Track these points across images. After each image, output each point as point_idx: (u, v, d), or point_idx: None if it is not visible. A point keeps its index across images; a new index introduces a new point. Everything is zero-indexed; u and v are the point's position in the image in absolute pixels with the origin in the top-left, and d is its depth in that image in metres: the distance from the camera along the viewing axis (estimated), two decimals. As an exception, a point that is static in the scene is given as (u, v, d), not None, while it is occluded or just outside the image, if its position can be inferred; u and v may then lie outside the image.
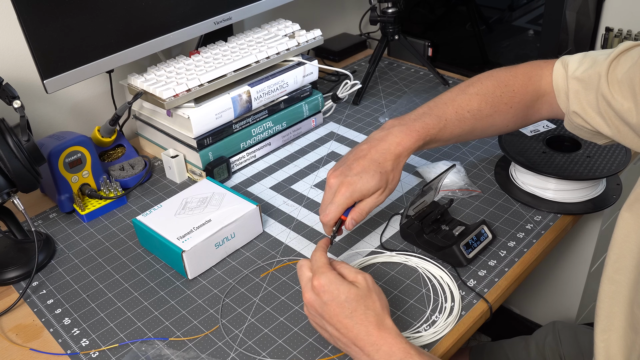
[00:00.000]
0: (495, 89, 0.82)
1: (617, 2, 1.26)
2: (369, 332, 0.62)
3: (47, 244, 0.91)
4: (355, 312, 0.63)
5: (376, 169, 0.74)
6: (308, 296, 0.66)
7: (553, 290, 1.31)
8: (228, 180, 1.06)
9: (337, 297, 0.64)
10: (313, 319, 0.68)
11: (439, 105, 0.81)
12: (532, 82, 0.82)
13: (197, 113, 0.99)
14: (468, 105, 0.81)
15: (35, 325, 0.79)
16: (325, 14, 1.58)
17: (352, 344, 0.63)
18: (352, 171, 0.74)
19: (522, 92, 0.82)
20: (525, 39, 1.31)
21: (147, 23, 1.00)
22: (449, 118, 0.79)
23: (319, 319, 0.66)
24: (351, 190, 0.73)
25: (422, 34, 1.45)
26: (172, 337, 0.75)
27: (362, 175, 0.74)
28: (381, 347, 0.61)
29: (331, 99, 1.24)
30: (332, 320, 0.64)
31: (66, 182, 0.96)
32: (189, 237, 0.83)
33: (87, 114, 1.19)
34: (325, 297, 0.64)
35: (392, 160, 0.76)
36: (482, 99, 0.81)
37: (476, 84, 0.83)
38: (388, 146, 0.76)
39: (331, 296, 0.64)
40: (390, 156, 0.76)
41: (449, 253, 0.82)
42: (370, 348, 0.62)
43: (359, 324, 0.63)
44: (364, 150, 0.76)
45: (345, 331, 0.63)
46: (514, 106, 0.82)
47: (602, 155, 0.93)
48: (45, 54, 0.89)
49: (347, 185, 0.73)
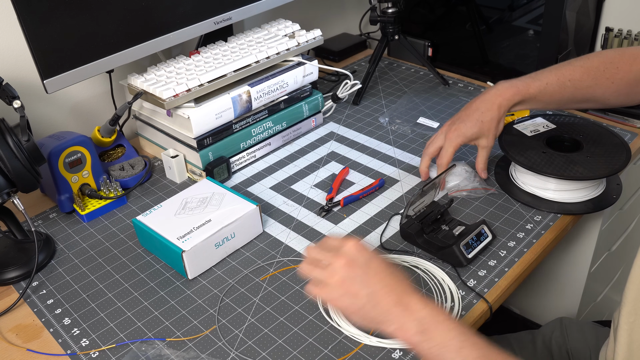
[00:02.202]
0: (599, 64, 0.89)
1: (617, 2, 1.26)
2: (411, 291, 0.62)
3: (47, 244, 0.91)
4: (395, 274, 0.64)
5: (478, 118, 0.90)
6: (348, 255, 0.63)
7: (553, 290, 1.31)
8: (228, 180, 1.06)
9: (376, 256, 0.65)
10: (349, 285, 0.63)
11: (544, 72, 0.92)
12: (637, 62, 0.88)
13: (197, 113, 0.99)
14: (570, 74, 0.89)
15: (35, 325, 0.79)
16: (325, 14, 1.58)
17: (396, 302, 0.61)
18: (459, 119, 0.92)
19: (626, 69, 0.88)
20: (525, 39, 1.31)
21: (147, 23, 1.00)
22: (551, 82, 0.88)
23: (360, 279, 0.63)
24: (457, 133, 0.91)
25: (422, 34, 1.45)
26: (172, 337, 0.75)
27: (466, 122, 0.91)
28: (426, 304, 0.61)
29: (331, 99, 1.24)
30: (378, 276, 0.63)
31: (66, 182, 0.96)
32: (189, 237, 0.83)
33: (87, 114, 1.19)
34: (367, 254, 0.64)
35: (493, 110, 0.89)
36: (584, 71, 0.89)
37: (583, 59, 0.91)
38: (490, 97, 0.90)
39: (371, 253, 0.65)
40: (491, 105, 0.89)
41: (449, 253, 0.82)
42: (418, 306, 0.61)
43: (402, 280, 0.63)
44: (471, 102, 0.93)
45: (389, 288, 0.62)
46: (615, 82, 0.88)
47: (602, 155, 0.93)
48: (45, 54, 0.89)
49: (454, 130, 0.92)
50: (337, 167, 1.08)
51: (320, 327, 0.75)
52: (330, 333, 0.74)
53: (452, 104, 1.26)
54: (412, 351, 0.70)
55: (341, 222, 0.94)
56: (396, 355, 0.71)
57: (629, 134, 1.10)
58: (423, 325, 0.60)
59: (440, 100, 1.28)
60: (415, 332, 0.60)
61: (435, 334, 0.60)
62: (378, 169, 1.06)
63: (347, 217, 0.94)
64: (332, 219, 0.94)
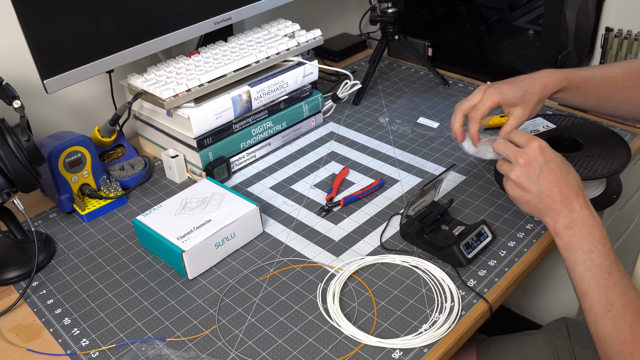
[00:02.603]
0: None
1: (617, 2, 1.26)
2: (577, 194, 0.73)
3: (47, 244, 0.91)
4: (569, 175, 0.74)
5: (523, 86, 0.88)
6: (527, 157, 0.75)
7: (553, 290, 1.31)
8: (228, 180, 1.06)
9: (556, 158, 0.75)
10: (523, 180, 0.75)
11: (588, 67, 0.95)
12: None
13: (197, 113, 0.99)
14: (613, 72, 0.90)
15: (35, 325, 0.79)
16: (325, 14, 1.58)
17: (560, 202, 0.72)
18: (502, 82, 0.89)
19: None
20: (525, 39, 1.31)
21: (147, 23, 1.00)
22: (594, 75, 0.90)
23: (533, 178, 0.74)
24: (497, 91, 0.87)
25: (422, 34, 1.45)
26: (172, 337, 0.75)
27: (510, 85, 0.88)
28: (584, 209, 0.72)
29: (331, 99, 1.24)
30: (549, 177, 0.73)
31: (66, 182, 0.96)
32: (189, 237, 0.83)
33: (87, 114, 1.19)
34: (547, 156, 0.75)
35: (539, 85, 0.87)
36: (626, 72, 0.90)
37: (627, 61, 0.95)
38: (538, 75, 0.89)
39: (551, 156, 0.75)
40: (538, 81, 0.88)
41: (449, 253, 0.82)
42: (576, 207, 0.72)
43: (570, 184, 0.73)
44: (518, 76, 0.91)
45: (557, 189, 0.73)
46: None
47: (602, 155, 0.93)
48: (45, 54, 0.89)
49: (495, 87, 0.88)
50: (337, 167, 1.08)
51: (320, 327, 0.75)
52: (330, 333, 0.74)
53: (452, 104, 1.26)
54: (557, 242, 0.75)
55: (341, 222, 0.94)
56: (396, 355, 0.71)
57: (629, 134, 1.10)
58: (573, 222, 0.71)
59: (440, 100, 1.28)
60: (563, 225, 0.72)
61: (578, 233, 0.70)
62: (378, 169, 1.06)
63: (347, 217, 0.94)
64: (332, 219, 0.94)
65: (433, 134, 1.15)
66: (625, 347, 0.63)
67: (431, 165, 1.06)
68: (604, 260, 0.68)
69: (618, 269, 0.68)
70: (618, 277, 0.67)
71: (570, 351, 0.98)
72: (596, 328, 0.67)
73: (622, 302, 0.65)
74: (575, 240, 0.71)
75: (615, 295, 0.66)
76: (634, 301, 0.65)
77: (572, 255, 0.71)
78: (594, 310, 0.67)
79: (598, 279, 0.67)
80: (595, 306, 0.67)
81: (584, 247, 0.70)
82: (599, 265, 0.68)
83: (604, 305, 0.66)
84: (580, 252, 0.70)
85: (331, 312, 0.77)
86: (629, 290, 0.66)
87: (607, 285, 0.67)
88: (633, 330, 0.63)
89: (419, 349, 0.71)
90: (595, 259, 0.68)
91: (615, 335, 0.64)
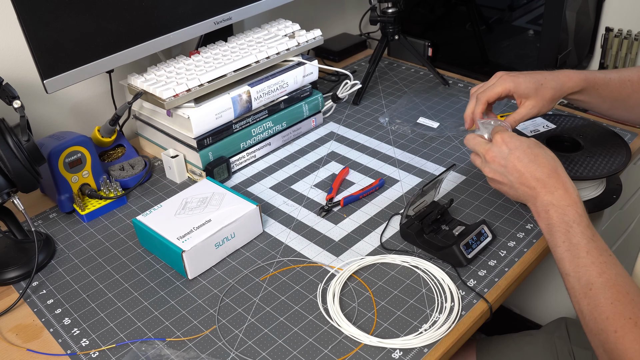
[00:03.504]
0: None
1: (617, 2, 1.26)
2: (549, 175, 0.74)
3: (47, 244, 0.91)
4: (538, 157, 0.75)
5: (539, 79, 0.87)
6: (492, 152, 0.78)
7: (553, 290, 1.31)
8: (228, 180, 1.06)
9: (520, 145, 0.76)
10: (494, 174, 0.79)
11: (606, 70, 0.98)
12: None
13: (197, 113, 0.99)
14: (630, 75, 0.91)
15: (35, 325, 0.79)
16: (325, 14, 1.58)
17: (534, 186, 0.74)
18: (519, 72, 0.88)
19: None
20: (525, 39, 1.31)
21: (147, 23, 1.00)
22: (613, 78, 0.90)
23: (502, 170, 0.77)
24: (512, 79, 0.86)
25: (422, 34, 1.45)
26: (172, 337, 0.75)
27: (526, 75, 0.87)
28: (558, 189, 0.73)
29: (331, 99, 1.24)
30: (517, 166, 0.75)
31: (66, 182, 0.96)
32: (189, 237, 0.83)
33: (87, 114, 1.19)
34: (511, 145, 0.76)
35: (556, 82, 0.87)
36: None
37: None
38: (558, 73, 0.89)
39: (515, 144, 0.76)
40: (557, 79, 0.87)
41: (449, 253, 0.82)
42: (551, 188, 0.73)
43: (540, 167, 0.74)
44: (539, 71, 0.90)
45: (529, 174, 0.74)
46: None
47: (602, 155, 0.93)
48: (45, 54, 0.89)
49: (510, 75, 0.87)
50: (337, 167, 1.08)
51: (320, 327, 0.75)
52: (330, 333, 0.74)
53: (452, 104, 1.26)
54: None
55: (341, 222, 0.94)
56: (396, 355, 0.71)
57: (629, 134, 1.10)
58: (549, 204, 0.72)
59: (440, 100, 1.28)
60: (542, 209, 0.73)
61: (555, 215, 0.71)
62: (378, 169, 1.06)
63: (347, 217, 0.94)
64: (332, 219, 0.94)
65: (433, 134, 1.15)
66: (608, 324, 0.63)
67: (431, 165, 1.06)
68: (580, 239, 0.69)
69: (597, 246, 0.68)
70: (596, 255, 0.67)
71: (570, 351, 0.98)
72: (579, 307, 0.67)
73: (602, 279, 0.65)
74: (552, 223, 0.72)
75: (594, 274, 0.66)
76: (615, 278, 0.65)
77: (552, 237, 0.72)
78: (575, 290, 0.68)
79: (577, 259, 0.68)
80: (577, 285, 0.67)
81: (561, 228, 0.71)
82: (576, 245, 0.69)
83: (584, 284, 0.66)
84: (558, 234, 0.71)
85: (331, 312, 0.77)
86: (608, 267, 0.66)
87: (586, 264, 0.67)
88: (615, 308, 0.63)
89: (419, 349, 0.71)
90: (572, 238, 0.69)
91: (598, 313, 0.64)
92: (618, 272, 0.66)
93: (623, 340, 0.62)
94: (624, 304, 0.63)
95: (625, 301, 0.64)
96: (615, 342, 0.62)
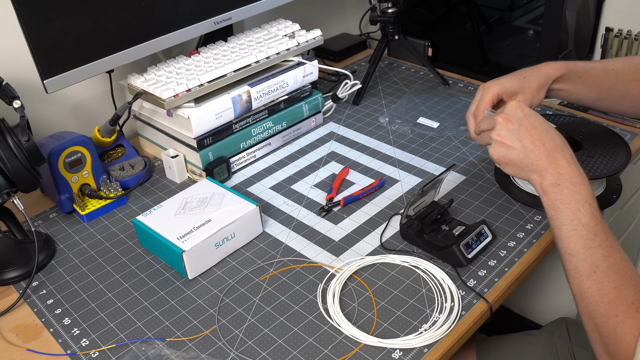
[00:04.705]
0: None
1: (617, 2, 1.26)
2: (562, 148, 0.73)
3: (47, 244, 0.91)
4: (551, 129, 0.75)
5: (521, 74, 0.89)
6: (506, 114, 0.76)
7: (553, 290, 1.31)
8: (228, 180, 1.06)
9: (535, 114, 0.76)
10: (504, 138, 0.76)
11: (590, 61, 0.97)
12: None
13: (197, 113, 0.99)
14: (613, 65, 0.91)
15: (35, 326, 0.79)
16: (325, 14, 1.58)
17: (546, 157, 0.72)
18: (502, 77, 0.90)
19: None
20: (525, 39, 1.31)
21: (147, 23, 1.00)
22: (595, 67, 0.91)
23: (514, 133, 0.75)
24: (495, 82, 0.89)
25: (422, 34, 1.45)
26: (172, 337, 0.75)
27: (508, 77, 0.89)
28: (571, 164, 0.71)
29: (331, 99, 1.24)
30: (531, 131, 0.74)
31: (66, 182, 0.96)
32: (189, 237, 0.83)
33: (87, 114, 1.19)
34: (526, 111, 0.76)
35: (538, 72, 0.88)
36: (626, 65, 0.91)
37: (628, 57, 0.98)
38: (538, 66, 0.90)
39: (530, 111, 0.76)
40: (537, 69, 0.89)
41: (449, 253, 0.82)
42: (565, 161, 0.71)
43: (553, 138, 0.73)
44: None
45: (540, 142, 0.73)
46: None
47: (602, 155, 0.93)
48: (45, 54, 0.89)
49: (493, 80, 0.89)
50: (337, 167, 1.08)
51: (320, 327, 0.75)
52: (330, 333, 0.74)
53: (452, 104, 1.26)
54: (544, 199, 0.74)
55: (341, 222, 0.94)
56: (396, 355, 0.71)
57: (629, 134, 1.10)
58: (560, 179, 0.70)
59: (440, 100, 1.28)
60: (550, 182, 0.71)
61: (566, 191, 0.69)
62: (378, 169, 1.06)
63: (347, 217, 0.94)
64: (332, 219, 0.94)
65: (433, 134, 1.15)
66: (609, 308, 0.63)
67: (431, 165, 1.06)
68: (590, 220, 0.68)
69: (604, 229, 0.67)
70: (603, 238, 0.67)
71: (570, 351, 0.98)
72: (580, 289, 0.67)
73: (607, 263, 0.65)
74: (562, 199, 0.70)
75: (600, 257, 0.65)
76: (619, 262, 0.65)
77: (558, 214, 0.70)
78: (578, 271, 0.67)
79: (584, 239, 0.67)
80: (581, 267, 0.67)
81: (572, 206, 0.69)
82: (586, 225, 0.67)
83: (589, 266, 0.66)
84: (567, 211, 0.69)
85: (331, 312, 0.77)
86: (614, 251, 0.66)
87: (593, 246, 0.66)
88: (618, 292, 0.63)
89: (419, 349, 0.71)
90: (582, 218, 0.68)
91: (600, 297, 0.64)
92: (622, 257, 0.66)
93: (623, 324, 0.62)
94: (627, 288, 0.63)
95: (628, 286, 0.63)
96: (614, 326, 0.62)
